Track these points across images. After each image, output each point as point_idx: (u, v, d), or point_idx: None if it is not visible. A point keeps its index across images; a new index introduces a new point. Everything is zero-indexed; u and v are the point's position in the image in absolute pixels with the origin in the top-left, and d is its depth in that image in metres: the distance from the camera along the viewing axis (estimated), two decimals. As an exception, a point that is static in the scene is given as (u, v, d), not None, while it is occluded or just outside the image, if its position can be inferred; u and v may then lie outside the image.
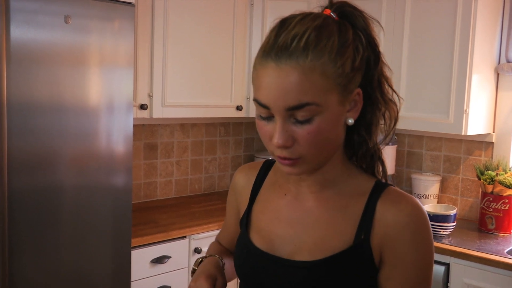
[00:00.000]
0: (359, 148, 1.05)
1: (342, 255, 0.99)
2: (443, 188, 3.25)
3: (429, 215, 2.76)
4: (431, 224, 2.75)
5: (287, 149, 0.94)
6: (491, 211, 2.89)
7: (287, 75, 0.90)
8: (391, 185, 1.05)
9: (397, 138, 3.37)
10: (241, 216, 1.18)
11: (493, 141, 3.06)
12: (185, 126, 3.48)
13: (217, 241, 1.36)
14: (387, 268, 0.99)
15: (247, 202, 1.17)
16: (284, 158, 0.96)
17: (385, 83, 1.03)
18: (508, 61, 2.98)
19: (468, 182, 3.18)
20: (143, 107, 2.81)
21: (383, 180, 1.07)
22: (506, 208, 2.87)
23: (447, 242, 2.71)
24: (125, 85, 2.39)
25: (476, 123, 2.92)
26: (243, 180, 1.21)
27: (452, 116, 2.86)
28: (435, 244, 2.66)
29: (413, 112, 2.99)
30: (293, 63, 0.90)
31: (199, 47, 3.06)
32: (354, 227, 1.00)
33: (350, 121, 0.98)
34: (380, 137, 1.07)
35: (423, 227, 0.99)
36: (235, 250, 1.15)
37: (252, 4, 3.25)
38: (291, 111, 0.91)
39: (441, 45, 2.88)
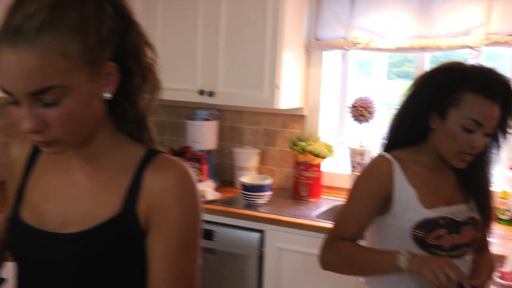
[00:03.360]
0: (123, 118, 1.06)
1: (107, 225, 1.00)
2: (262, 160, 3.42)
3: (246, 186, 2.91)
4: (248, 194, 2.90)
5: (41, 133, 0.92)
6: (303, 179, 3.11)
7: (24, 60, 0.86)
8: (163, 152, 1.08)
9: (220, 113, 3.47)
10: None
11: (305, 115, 3.28)
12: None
13: None
14: (153, 232, 1.02)
15: (22, 176, 1.13)
16: (39, 141, 0.94)
17: (142, 52, 1.03)
18: (316, 39, 3.19)
19: (284, 154, 3.38)
20: None
21: (155, 148, 1.09)
22: (316, 175, 3.10)
23: (263, 211, 2.86)
24: None
25: (289, 97, 3.11)
26: (17, 152, 1.17)
27: (266, 91, 3.01)
28: (252, 213, 2.81)
29: (231, 88, 3.10)
30: (28, 47, 0.86)
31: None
32: (122, 196, 1.02)
33: (107, 95, 0.98)
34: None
35: (189, 192, 1.03)
36: (4, 225, 1.12)
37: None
38: (35, 95, 0.89)
39: (254, 24, 3.00)
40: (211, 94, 3.12)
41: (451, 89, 1.55)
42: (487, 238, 1.81)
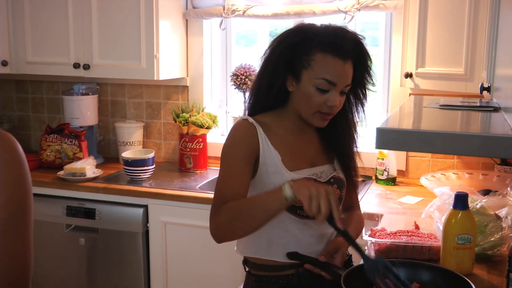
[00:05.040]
0: None
1: None
2: (147, 134, 3.33)
3: (127, 161, 2.82)
4: (131, 170, 2.82)
5: None
6: (188, 151, 3.06)
7: None
8: None
9: (100, 87, 3.33)
10: None
11: (187, 85, 3.22)
12: None
13: None
14: None
15: None
16: None
17: None
18: (194, 7, 3.12)
19: (169, 126, 3.30)
20: None
21: None
22: (201, 147, 3.06)
23: (147, 185, 2.80)
24: None
25: (169, 67, 3.03)
26: None
27: (144, 62, 2.91)
28: (134, 188, 2.75)
29: (107, 60, 2.97)
30: None
31: None
32: None
33: None
34: None
35: (13, 165, 0.96)
36: None
37: None
38: None
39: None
40: (86, 67, 2.98)
41: (302, 51, 1.54)
42: (356, 197, 1.85)
